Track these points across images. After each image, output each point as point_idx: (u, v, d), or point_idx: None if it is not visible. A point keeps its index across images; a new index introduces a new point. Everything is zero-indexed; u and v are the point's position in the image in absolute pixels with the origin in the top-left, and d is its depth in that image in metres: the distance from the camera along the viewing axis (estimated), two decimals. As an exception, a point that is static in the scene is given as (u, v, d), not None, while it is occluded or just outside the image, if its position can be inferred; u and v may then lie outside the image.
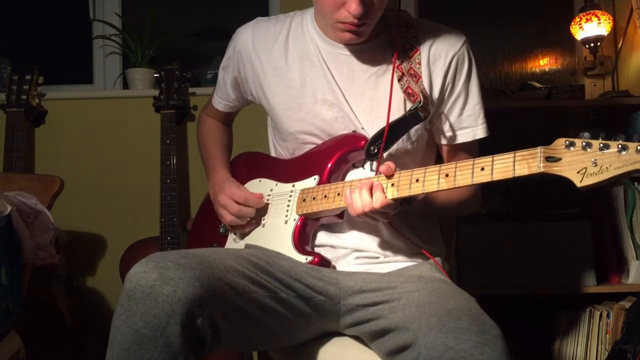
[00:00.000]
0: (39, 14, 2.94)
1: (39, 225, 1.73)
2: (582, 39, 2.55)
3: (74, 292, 2.48)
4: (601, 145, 0.99)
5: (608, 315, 2.10)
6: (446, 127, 1.40)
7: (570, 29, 2.58)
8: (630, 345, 1.79)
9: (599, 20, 2.49)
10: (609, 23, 2.51)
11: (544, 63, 2.85)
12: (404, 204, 1.23)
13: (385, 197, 1.20)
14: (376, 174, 1.30)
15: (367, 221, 1.27)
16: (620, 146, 0.97)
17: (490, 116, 1.43)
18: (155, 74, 2.57)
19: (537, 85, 2.48)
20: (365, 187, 1.20)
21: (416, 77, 1.34)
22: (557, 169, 1.03)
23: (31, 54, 2.86)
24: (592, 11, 2.51)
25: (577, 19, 2.54)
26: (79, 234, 2.51)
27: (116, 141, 2.57)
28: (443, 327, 1.03)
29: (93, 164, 2.56)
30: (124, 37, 2.66)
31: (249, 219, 1.42)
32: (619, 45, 2.60)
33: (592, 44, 2.53)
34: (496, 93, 2.54)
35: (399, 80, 1.33)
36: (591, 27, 2.50)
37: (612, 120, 2.50)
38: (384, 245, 1.35)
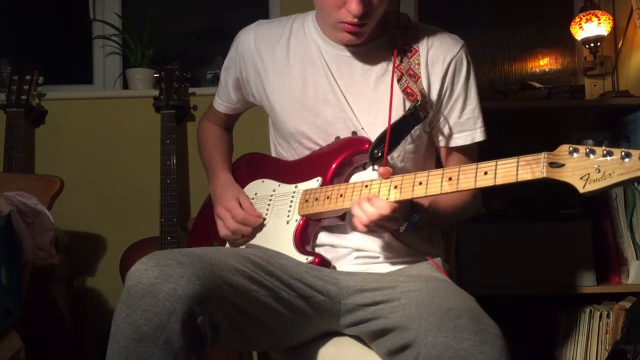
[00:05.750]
0: (39, 14, 2.94)
1: (39, 225, 1.73)
2: (582, 39, 2.55)
3: (74, 292, 2.48)
4: (605, 152, 0.99)
5: (608, 315, 2.10)
6: (445, 130, 1.41)
7: (570, 29, 2.58)
8: (630, 345, 1.79)
9: (599, 20, 2.49)
10: (609, 23, 2.51)
11: (544, 63, 2.85)
12: (411, 220, 1.25)
13: (387, 200, 1.20)
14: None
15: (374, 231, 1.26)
16: (623, 153, 0.97)
17: (490, 116, 1.44)
18: (155, 74, 2.57)
19: (537, 85, 2.48)
20: (364, 200, 1.22)
21: (415, 77, 1.35)
22: (560, 175, 1.03)
23: (31, 54, 2.86)
24: (592, 11, 2.51)
25: (577, 19, 2.54)
26: (79, 234, 2.51)
27: (116, 141, 2.57)
28: (442, 326, 1.03)
29: (93, 164, 2.56)
30: (124, 37, 2.66)
31: (243, 236, 1.42)
32: (619, 45, 2.60)
33: (592, 44, 2.53)
34: (496, 93, 2.53)
35: (399, 80, 1.34)
36: (591, 27, 2.50)
37: (612, 120, 2.50)
38: (384, 245, 1.35)
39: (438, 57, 1.37)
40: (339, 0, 1.25)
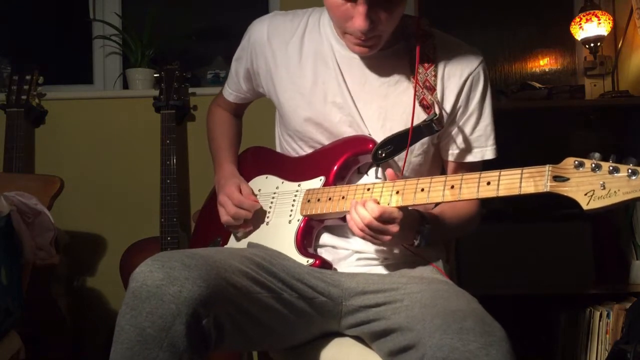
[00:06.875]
0: (39, 14, 2.94)
1: (39, 225, 1.73)
2: (582, 39, 2.56)
3: (74, 292, 2.48)
4: (611, 168, 0.96)
5: (608, 315, 2.10)
6: (455, 145, 1.40)
7: (570, 29, 2.59)
8: (630, 345, 1.79)
9: (599, 20, 2.49)
10: (609, 23, 2.51)
11: (544, 63, 2.85)
12: (423, 231, 1.25)
13: (379, 203, 1.19)
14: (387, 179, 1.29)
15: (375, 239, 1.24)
16: (630, 171, 0.95)
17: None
18: (155, 74, 2.57)
19: (537, 85, 2.49)
20: (358, 204, 1.20)
21: (431, 89, 1.33)
22: (564, 189, 1.01)
23: (31, 54, 2.86)
24: (592, 11, 2.52)
25: (577, 19, 2.54)
26: (79, 234, 2.51)
27: (116, 141, 2.57)
28: (448, 328, 1.02)
29: (93, 164, 2.56)
30: (124, 37, 2.66)
31: (245, 221, 1.42)
32: (619, 45, 2.60)
33: (592, 44, 2.54)
34: (496, 93, 2.54)
35: (415, 90, 1.32)
36: (591, 27, 2.51)
37: (612, 120, 2.50)
38: (385, 247, 1.34)
39: (455, 71, 1.35)
40: (346, 14, 1.22)
